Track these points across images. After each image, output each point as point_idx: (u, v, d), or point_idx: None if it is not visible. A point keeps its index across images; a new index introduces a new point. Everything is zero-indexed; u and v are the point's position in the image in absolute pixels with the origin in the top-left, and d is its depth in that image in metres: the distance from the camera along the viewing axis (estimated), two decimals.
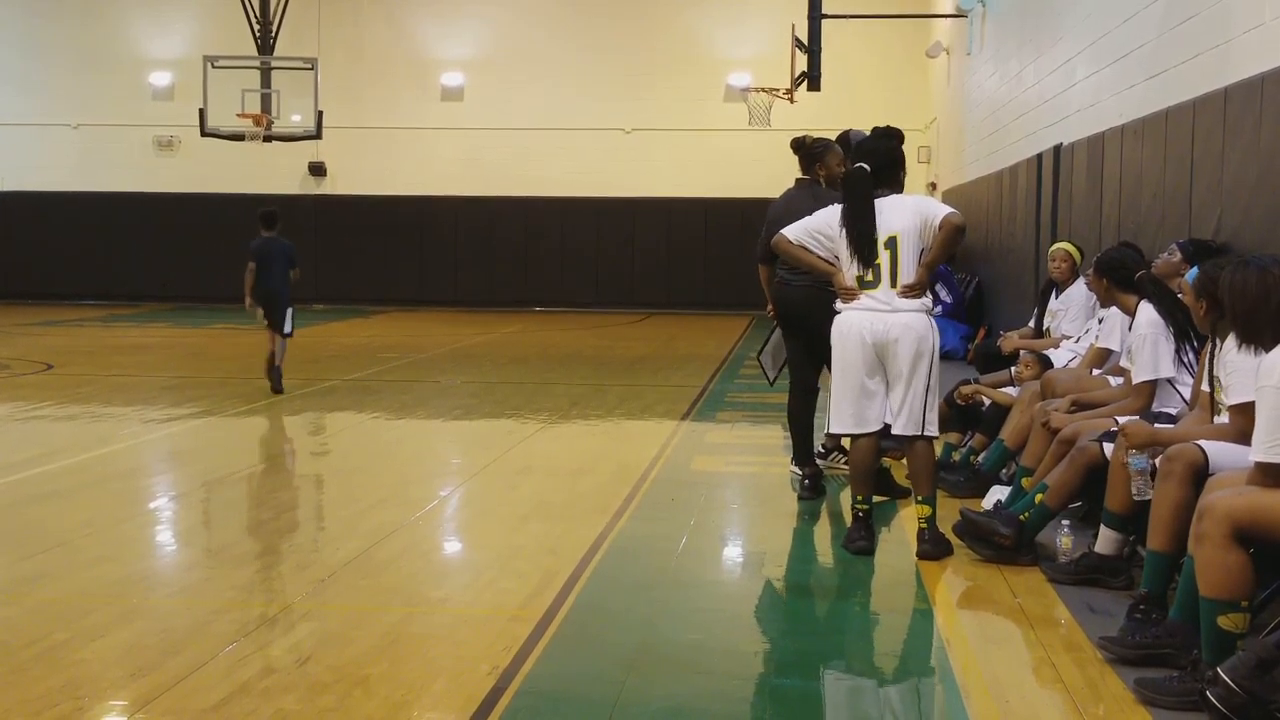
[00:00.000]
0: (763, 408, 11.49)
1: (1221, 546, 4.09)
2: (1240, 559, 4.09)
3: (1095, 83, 10.50)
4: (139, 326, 21.11)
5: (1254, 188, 6.57)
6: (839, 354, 6.17)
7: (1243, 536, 4.08)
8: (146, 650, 4.56)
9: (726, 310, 23.79)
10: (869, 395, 6.13)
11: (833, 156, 7.47)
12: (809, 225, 6.37)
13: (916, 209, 6.18)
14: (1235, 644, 4.09)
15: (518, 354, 16.71)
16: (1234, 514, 4.10)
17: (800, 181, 7.59)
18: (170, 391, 12.52)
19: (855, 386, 6.13)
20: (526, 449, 9.24)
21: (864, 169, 6.21)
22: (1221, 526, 4.09)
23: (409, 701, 4.09)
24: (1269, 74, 6.42)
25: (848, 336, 6.13)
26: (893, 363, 6.07)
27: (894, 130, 6.59)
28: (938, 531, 6.11)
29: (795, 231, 6.40)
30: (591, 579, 5.62)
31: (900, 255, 6.08)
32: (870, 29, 21.52)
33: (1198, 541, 4.17)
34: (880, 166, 6.26)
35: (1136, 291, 6.23)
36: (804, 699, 4.35)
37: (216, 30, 24.70)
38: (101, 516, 6.91)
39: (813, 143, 7.61)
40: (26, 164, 26.07)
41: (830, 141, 7.60)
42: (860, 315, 6.10)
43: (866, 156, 6.30)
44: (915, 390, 6.06)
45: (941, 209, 6.15)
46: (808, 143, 7.64)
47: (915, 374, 6.05)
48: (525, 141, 25.31)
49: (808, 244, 6.33)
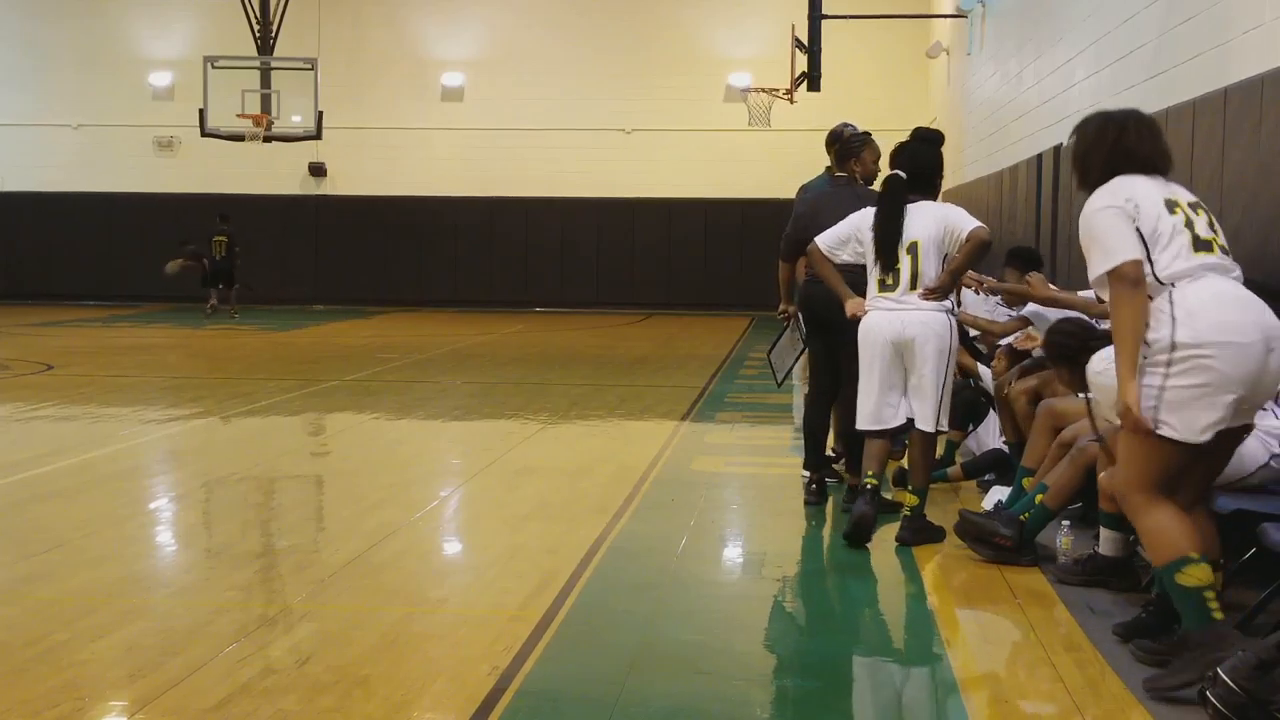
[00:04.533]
0: (762, 408, 11.50)
1: (1145, 512, 4.20)
2: (1167, 513, 4.17)
3: (1095, 83, 10.49)
4: (139, 327, 21.11)
5: (1254, 188, 6.56)
6: (862, 353, 6.35)
7: (1154, 491, 4.18)
8: (146, 650, 4.56)
9: (726, 310, 23.81)
10: (888, 394, 6.28)
11: (870, 152, 7.28)
12: (840, 233, 6.47)
13: (942, 218, 6.29)
14: (1206, 599, 4.09)
15: (518, 354, 16.71)
16: (1120, 482, 4.25)
17: (838, 179, 7.28)
18: (170, 392, 12.52)
19: (876, 385, 6.29)
20: (526, 449, 9.24)
21: (900, 176, 6.34)
22: (1132, 498, 4.23)
23: (409, 702, 4.09)
24: (1269, 74, 6.42)
25: (868, 336, 6.31)
26: (911, 360, 6.22)
27: (935, 134, 6.67)
28: (920, 520, 6.24)
29: (827, 240, 6.49)
30: (591, 579, 5.61)
31: (920, 261, 6.20)
32: (870, 29, 21.53)
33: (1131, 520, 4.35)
34: (917, 173, 6.36)
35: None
36: (804, 699, 4.35)
37: (216, 30, 24.72)
38: (101, 516, 6.91)
39: (850, 136, 7.32)
40: (26, 164, 26.09)
41: (869, 136, 7.34)
42: (880, 315, 6.27)
43: (906, 162, 6.38)
44: (933, 386, 6.21)
45: (969, 222, 6.26)
46: (845, 135, 7.35)
47: (933, 370, 6.19)
48: (525, 141, 25.32)
49: (838, 253, 6.47)
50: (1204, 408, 4.09)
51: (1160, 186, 4.36)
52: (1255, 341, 4.09)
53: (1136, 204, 4.25)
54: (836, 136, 7.44)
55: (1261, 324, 4.14)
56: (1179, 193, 4.40)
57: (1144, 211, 4.24)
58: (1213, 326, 4.10)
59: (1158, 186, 4.35)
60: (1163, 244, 4.21)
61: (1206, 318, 4.11)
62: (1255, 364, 4.09)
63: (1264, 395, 4.26)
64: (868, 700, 4.43)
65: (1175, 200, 4.32)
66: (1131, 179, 4.34)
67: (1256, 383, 4.14)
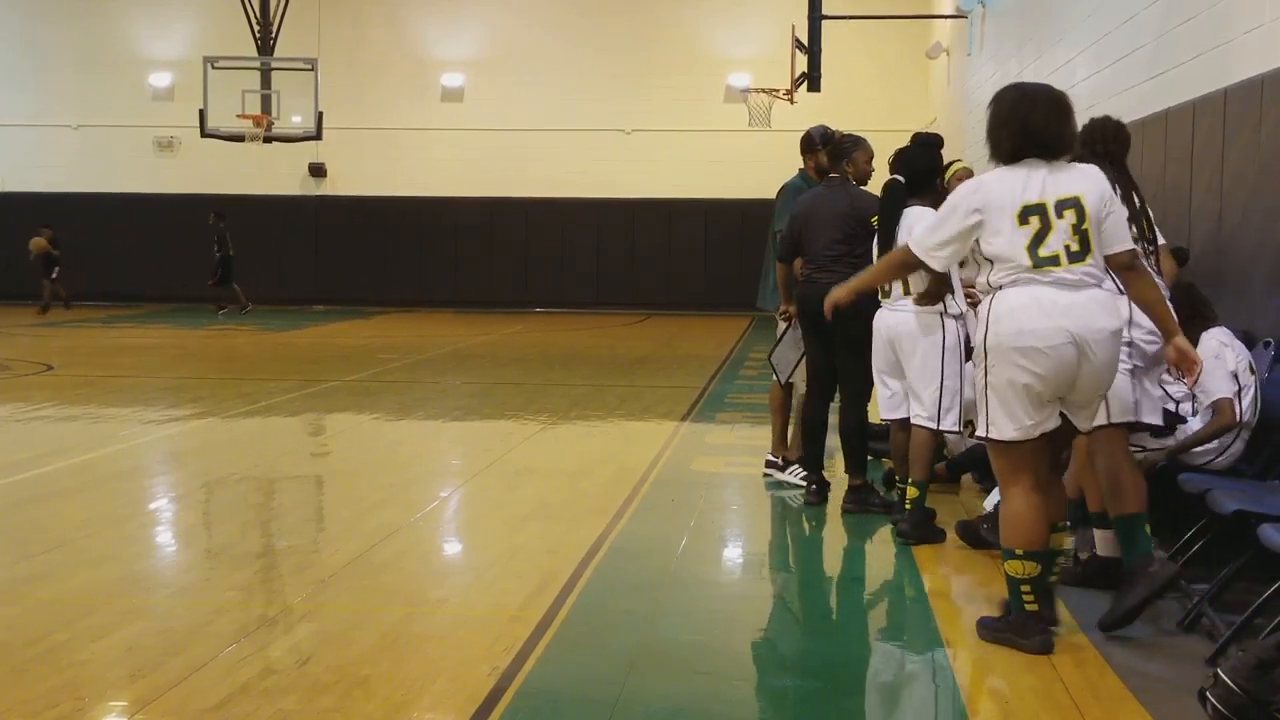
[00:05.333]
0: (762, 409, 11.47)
1: (1006, 500, 4.67)
2: (1022, 505, 4.59)
3: (1095, 83, 10.50)
4: (139, 327, 21.11)
5: (1254, 188, 6.57)
6: (873, 349, 6.69)
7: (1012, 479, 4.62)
8: (146, 650, 4.56)
9: (726, 311, 23.80)
10: (887, 386, 6.64)
11: (862, 153, 7.24)
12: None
13: None
14: (1022, 591, 4.59)
15: (518, 355, 16.71)
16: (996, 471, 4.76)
17: (831, 180, 7.24)
18: (170, 392, 12.52)
19: (878, 379, 6.70)
20: (526, 450, 9.24)
21: (899, 181, 6.47)
22: (1001, 487, 4.73)
23: (409, 702, 4.09)
24: (1269, 74, 6.42)
25: (874, 333, 6.63)
26: (903, 357, 6.47)
27: (934, 138, 6.81)
28: (920, 514, 6.29)
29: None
30: (592, 580, 5.61)
31: None
32: (870, 29, 21.53)
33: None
34: (915, 177, 6.49)
35: None
36: (804, 699, 4.35)
37: (216, 31, 24.71)
38: (101, 517, 6.91)
39: (842, 138, 7.35)
40: (26, 164, 26.08)
41: (861, 138, 7.33)
42: (881, 313, 6.58)
43: (904, 167, 6.54)
44: (923, 383, 6.37)
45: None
46: (837, 138, 7.39)
47: (921, 367, 6.36)
48: (525, 142, 25.32)
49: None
50: (1016, 410, 4.50)
51: (1036, 186, 4.54)
52: (1059, 345, 4.42)
53: (983, 220, 4.58)
54: (827, 138, 7.53)
55: (1063, 329, 4.42)
56: (1059, 188, 4.54)
57: (988, 226, 4.57)
58: (1015, 333, 4.46)
59: (1032, 186, 4.54)
60: (995, 263, 4.56)
61: (1012, 324, 4.47)
62: (1060, 366, 4.44)
63: (1088, 393, 4.58)
64: (868, 700, 4.43)
65: (1040, 205, 4.52)
66: (1005, 182, 4.59)
67: (1070, 384, 4.49)
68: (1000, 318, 4.50)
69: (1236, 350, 5.68)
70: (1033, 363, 4.44)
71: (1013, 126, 4.62)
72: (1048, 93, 4.73)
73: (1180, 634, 4.84)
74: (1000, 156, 4.67)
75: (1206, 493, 4.94)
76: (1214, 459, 5.63)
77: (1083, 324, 4.43)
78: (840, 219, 6.92)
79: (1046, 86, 4.80)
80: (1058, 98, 4.72)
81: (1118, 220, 4.57)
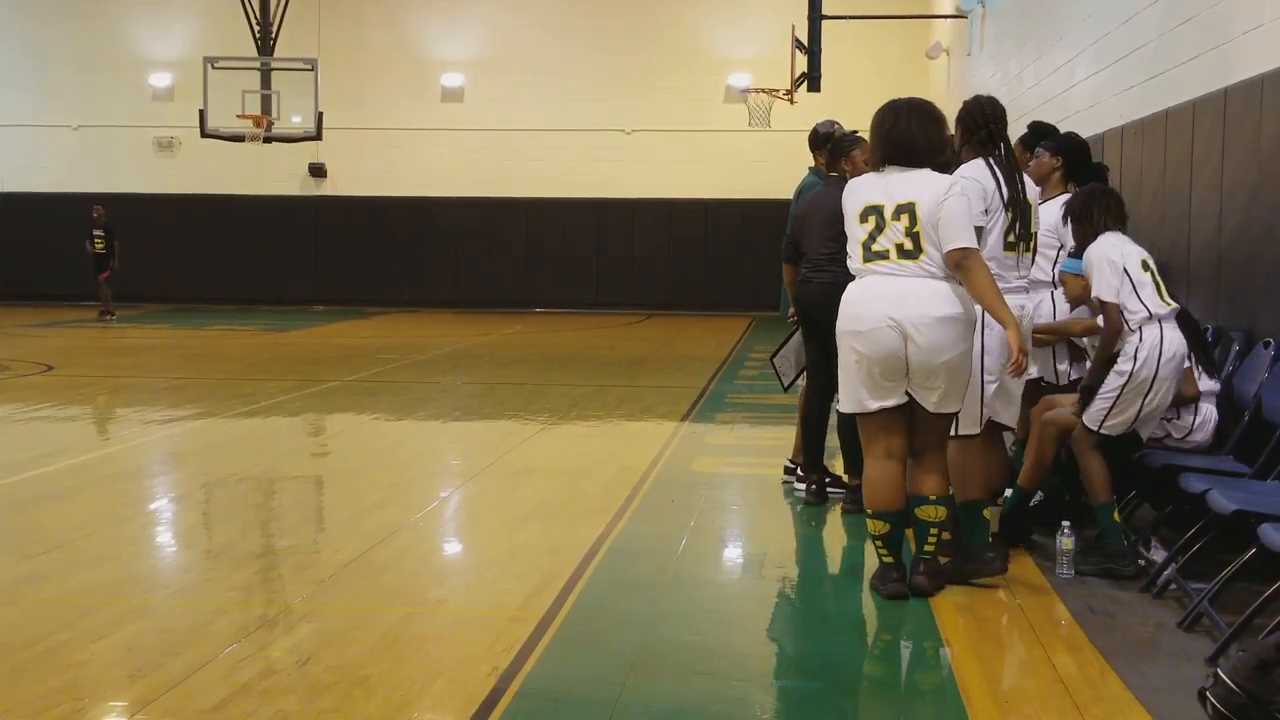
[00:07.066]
0: (762, 409, 11.50)
1: (866, 466, 5.38)
2: (877, 471, 5.27)
3: (1095, 83, 10.50)
4: (139, 327, 21.11)
5: (1254, 188, 6.57)
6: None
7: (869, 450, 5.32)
8: (146, 651, 4.56)
9: (726, 311, 23.80)
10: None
11: (861, 152, 7.16)
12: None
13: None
14: (878, 546, 5.33)
15: (518, 355, 16.71)
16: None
17: (830, 178, 7.25)
18: (170, 392, 12.52)
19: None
20: (527, 450, 9.24)
21: None
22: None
23: (409, 702, 4.09)
24: (1269, 74, 6.42)
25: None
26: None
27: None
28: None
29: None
30: (592, 580, 5.62)
31: None
32: (870, 30, 21.52)
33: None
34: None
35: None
36: (804, 699, 4.35)
37: (216, 31, 24.70)
38: (101, 517, 6.91)
39: (841, 136, 7.35)
40: (26, 164, 26.07)
41: (861, 136, 7.23)
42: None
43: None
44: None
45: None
46: (836, 135, 7.38)
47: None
48: (525, 142, 25.32)
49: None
50: (855, 386, 5.22)
51: (884, 189, 5.18)
52: (880, 328, 5.07)
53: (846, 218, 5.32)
54: (827, 136, 7.48)
55: (884, 314, 5.07)
56: (903, 193, 5.13)
57: (847, 224, 5.31)
58: (849, 318, 5.22)
59: (881, 189, 5.19)
60: (852, 249, 5.28)
61: (848, 310, 5.23)
62: (884, 348, 5.08)
63: (924, 375, 5.11)
64: (868, 701, 4.43)
65: (878, 207, 5.17)
66: (865, 185, 5.29)
67: (902, 365, 5.10)
68: (845, 305, 5.26)
69: (1131, 251, 5.76)
70: (859, 343, 5.16)
71: (878, 137, 5.28)
72: (910, 104, 5.30)
73: (1180, 634, 4.84)
74: (873, 164, 5.35)
75: (1206, 493, 4.94)
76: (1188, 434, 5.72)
77: (905, 310, 5.05)
78: (836, 218, 6.87)
79: (913, 99, 5.36)
80: (920, 106, 5.30)
81: (949, 222, 5.07)
